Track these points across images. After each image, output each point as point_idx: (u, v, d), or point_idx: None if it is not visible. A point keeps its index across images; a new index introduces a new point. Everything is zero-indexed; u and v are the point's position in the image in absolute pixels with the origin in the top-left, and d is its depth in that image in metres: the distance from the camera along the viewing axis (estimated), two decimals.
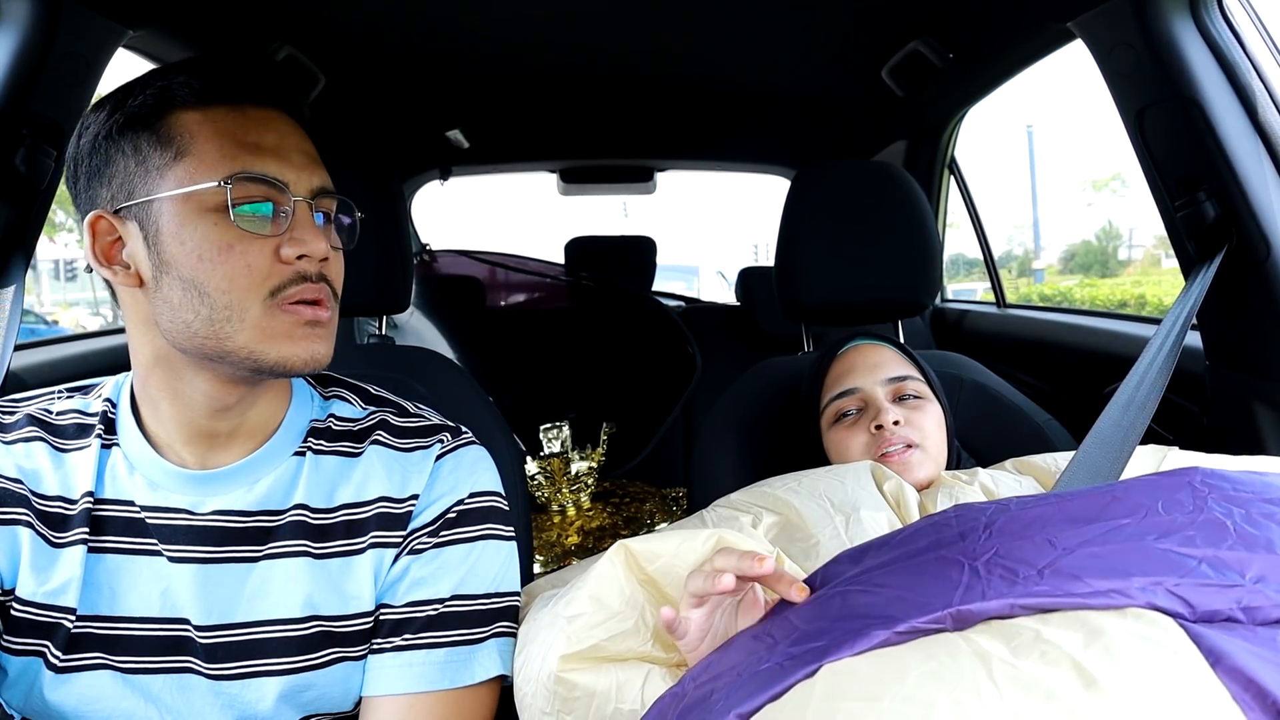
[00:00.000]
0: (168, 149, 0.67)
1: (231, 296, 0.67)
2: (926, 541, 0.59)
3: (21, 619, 0.70)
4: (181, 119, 0.68)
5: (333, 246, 0.73)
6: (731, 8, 1.42)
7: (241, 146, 0.68)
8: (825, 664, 0.50)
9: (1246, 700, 0.42)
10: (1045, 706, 0.43)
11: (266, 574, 0.74)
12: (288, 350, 0.69)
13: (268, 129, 0.70)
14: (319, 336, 0.71)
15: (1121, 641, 0.46)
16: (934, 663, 0.47)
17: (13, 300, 1.02)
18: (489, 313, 2.73)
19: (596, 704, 0.67)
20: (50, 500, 0.73)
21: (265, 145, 0.69)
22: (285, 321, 0.69)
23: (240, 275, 0.67)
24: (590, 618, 0.68)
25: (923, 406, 1.03)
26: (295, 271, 0.69)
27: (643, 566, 0.70)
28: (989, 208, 2.21)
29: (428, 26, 1.51)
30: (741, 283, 2.63)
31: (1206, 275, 1.02)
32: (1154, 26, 1.04)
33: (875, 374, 1.06)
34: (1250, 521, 0.55)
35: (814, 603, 0.59)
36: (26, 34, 1.01)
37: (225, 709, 0.73)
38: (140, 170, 0.67)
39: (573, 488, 1.97)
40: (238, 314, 0.67)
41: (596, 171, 2.71)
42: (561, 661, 0.67)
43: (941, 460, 1.01)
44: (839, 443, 1.04)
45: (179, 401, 0.73)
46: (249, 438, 0.76)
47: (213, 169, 0.66)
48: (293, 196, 0.69)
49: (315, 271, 0.70)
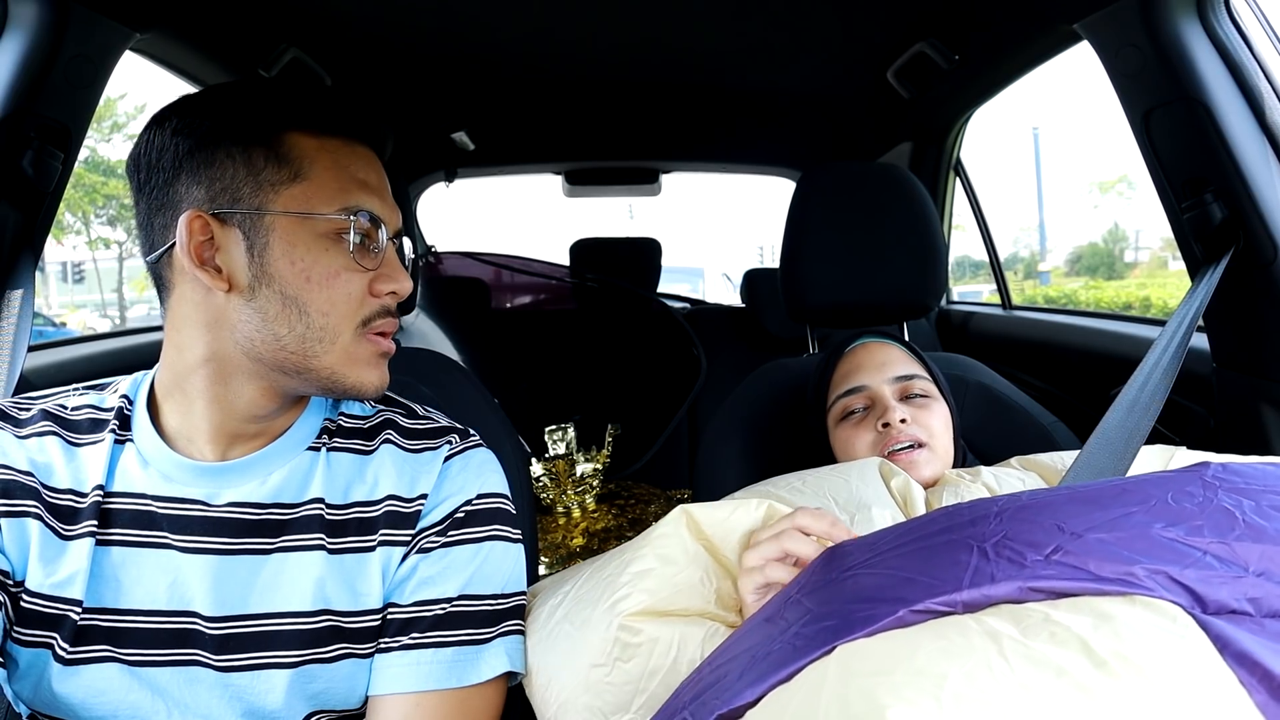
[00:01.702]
0: (284, 167, 0.70)
1: (329, 320, 0.71)
2: (938, 527, 0.60)
3: (31, 611, 0.71)
4: (300, 142, 0.71)
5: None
6: (737, 9, 1.43)
7: (354, 181, 0.73)
8: (837, 645, 0.50)
9: (1253, 683, 0.43)
10: (1055, 682, 0.43)
11: (279, 566, 0.74)
12: (366, 376, 0.74)
13: (370, 168, 0.75)
14: (387, 365, 0.77)
15: (1130, 625, 0.46)
16: (945, 641, 0.48)
17: (23, 302, 1.03)
18: (494, 314, 2.73)
19: (659, 650, 0.69)
20: (61, 493, 0.74)
21: (370, 183, 0.74)
22: (368, 350, 0.74)
23: (341, 302, 0.71)
24: (659, 573, 0.71)
25: (929, 405, 1.03)
26: (382, 305, 0.74)
27: (703, 530, 0.74)
28: (995, 210, 2.21)
29: (433, 29, 1.51)
30: (747, 284, 2.63)
31: (1213, 277, 1.01)
32: (1160, 28, 1.03)
33: (882, 372, 1.06)
34: (1260, 513, 0.55)
35: (825, 585, 0.59)
36: (34, 37, 1.02)
37: (233, 701, 0.73)
38: (251, 180, 0.69)
39: (578, 489, 1.97)
40: (330, 336, 0.71)
41: (602, 173, 2.71)
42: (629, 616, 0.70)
43: (948, 459, 1.01)
44: (846, 440, 1.04)
45: (217, 404, 0.74)
46: (267, 433, 0.78)
47: (331, 198, 0.71)
48: (385, 235, 0.74)
49: (394, 307, 0.76)
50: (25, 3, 1.01)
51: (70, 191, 2.17)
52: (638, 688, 0.69)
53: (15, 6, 1.01)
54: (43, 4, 1.01)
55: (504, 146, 2.45)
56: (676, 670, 0.68)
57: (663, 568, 0.72)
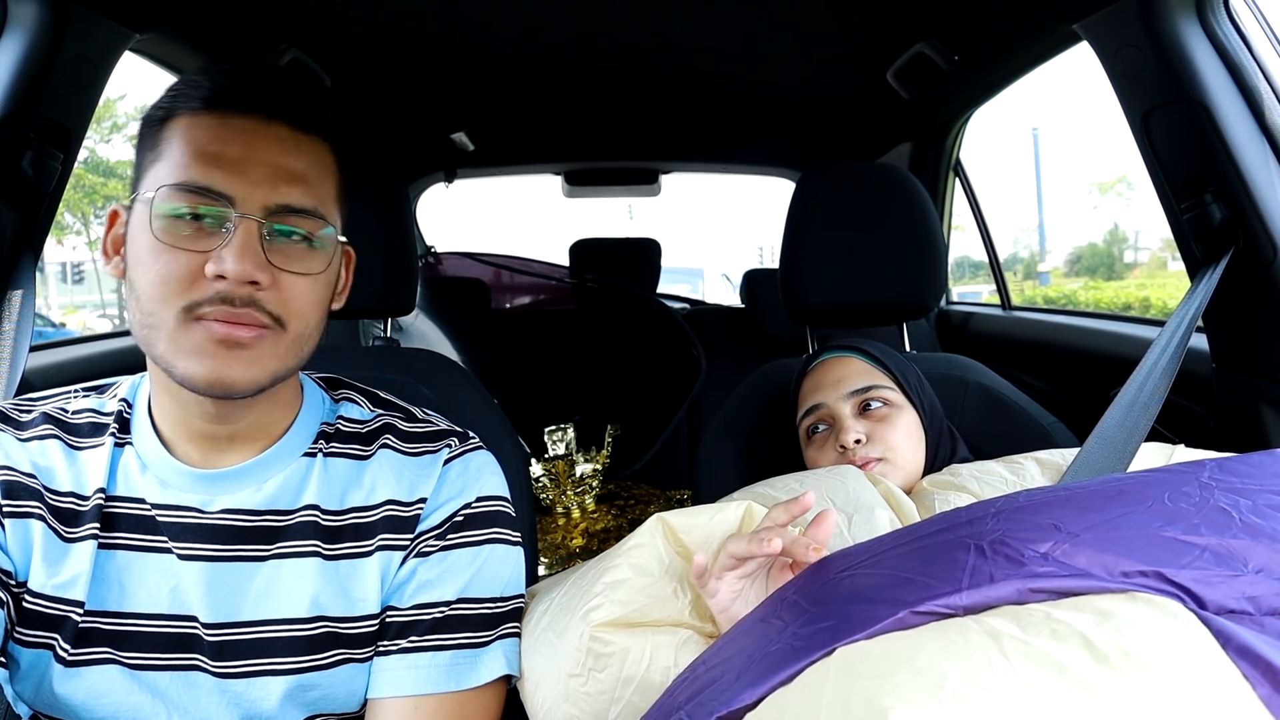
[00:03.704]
0: (154, 149, 0.69)
1: (153, 304, 0.66)
2: (935, 528, 0.60)
3: (33, 611, 0.71)
4: (173, 126, 0.68)
5: (287, 270, 0.68)
6: (736, 10, 1.43)
7: (198, 156, 0.66)
8: (837, 647, 0.50)
9: (1256, 677, 0.43)
10: (1056, 678, 0.43)
11: (274, 573, 0.74)
12: (190, 367, 0.66)
13: (238, 140, 0.67)
14: (235, 359, 0.67)
15: (1132, 621, 0.46)
16: (945, 641, 0.48)
17: (24, 302, 1.03)
18: (494, 315, 2.73)
19: (630, 660, 0.69)
20: (63, 496, 0.73)
21: (226, 156, 0.66)
22: (196, 337, 0.66)
23: (159, 284, 0.65)
24: (633, 583, 0.71)
25: (889, 417, 1.03)
26: (215, 290, 0.65)
27: (680, 538, 0.73)
28: (994, 210, 2.21)
29: (433, 29, 1.51)
30: (746, 285, 2.63)
31: (1212, 277, 1.01)
32: (1160, 28, 1.03)
33: (838, 389, 1.06)
34: (1256, 512, 0.55)
35: (823, 585, 0.60)
36: (34, 38, 1.02)
37: (231, 706, 0.73)
38: (140, 168, 0.70)
39: (577, 490, 1.97)
40: (155, 321, 0.66)
41: (601, 174, 2.71)
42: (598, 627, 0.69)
43: (911, 469, 1.01)
44: (812, 461, 1.06)
45: (175, 401, 0.74)
46: (256, 439, 0.76)
47: (166, 177, 0.66)
48: (236, 212, 0.66)
49: (242, 295, 0.66)
50: (25, 3, 1.01)
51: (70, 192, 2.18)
52: (613, 697, 0.69)
53: (15, 6, 1.01)
54: (42, 4, 1.01)
55: (503, 147, 2.45)
56: (650, 680, 0.68)
57: (636, 578, 0.71)
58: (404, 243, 1.20)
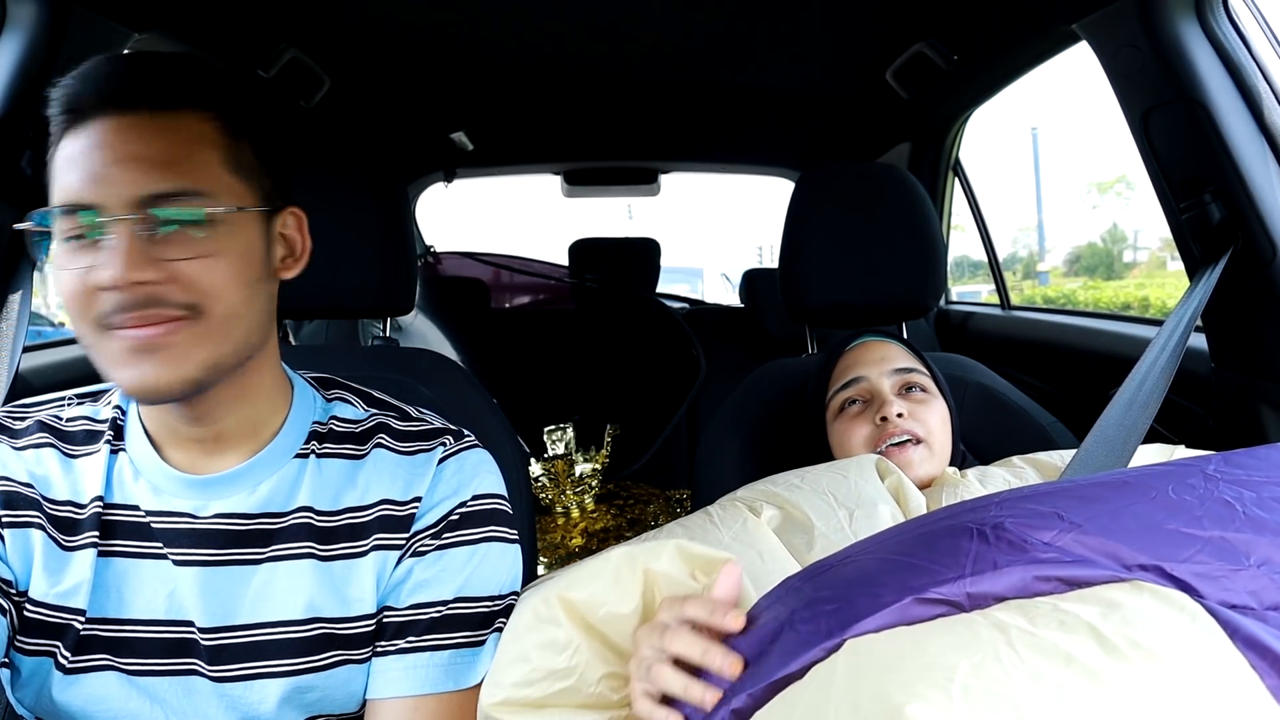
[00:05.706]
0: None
1: (74, 325, 0.66)
2: (938, 515, 0.60)
3: (34, 619, 0.71)
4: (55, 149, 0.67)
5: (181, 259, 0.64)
6: (736, 9, 1.43)
7: (65, 173, 0.64)
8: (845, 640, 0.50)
9: (1264, 668, 0.43)
10: (1065, 670, 0.43)
11: (269, 576, 0.74)
12: (122, 376, 0.65)
13: (98, 144, 0.64)
14: (155, 361, 0.64)
15: (1140, 611, 0.46)
16: (953, 635, 0.48)
17: (20, 303, 1.03)
18: (493, 315, 2.73)
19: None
20: (60, 505, 0.73)
21: (88, 163, 0.63)
22: (113, 346, 0.64)
23: (69, 306, 0.65)
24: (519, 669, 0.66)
25: (928, 402, 1.03)
26: (117, 300, 0.62)
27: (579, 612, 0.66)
28: (993, 210, 2.21)
29: (432, 29, 1.51)
30: (746, 285, 2.63)
31: (1211, 277, 1.01)
32: (1159, 28, 1.03)
33: (882, 365, 1.06)
34: (1261, 505, 0.55)
35: (829, 571, 0.59)
36: (33, 37, 1.02)
37: (229, 710, 0.73)
38: None
39: (577, 490, 1.98)
40: (83, 340, 0.66)
41: (601, 173, 2.71)
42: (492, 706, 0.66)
43: (945, 458, 1.01)
44: (842, 434, 1.04)
45: (152, 407, 0.73)
46: (245, 440, 0.75)
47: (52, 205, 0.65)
48: (104, 217, 0.62)
49: (139, 296, 0.62)
50: (24, 3, 1.01)
51: None
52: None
53: (14, 6, 1.01)
54: (42, 4, 1.01)
55: (503, 146, 2.45)
56: None
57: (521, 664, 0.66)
58: (403, 242, 1.20)
